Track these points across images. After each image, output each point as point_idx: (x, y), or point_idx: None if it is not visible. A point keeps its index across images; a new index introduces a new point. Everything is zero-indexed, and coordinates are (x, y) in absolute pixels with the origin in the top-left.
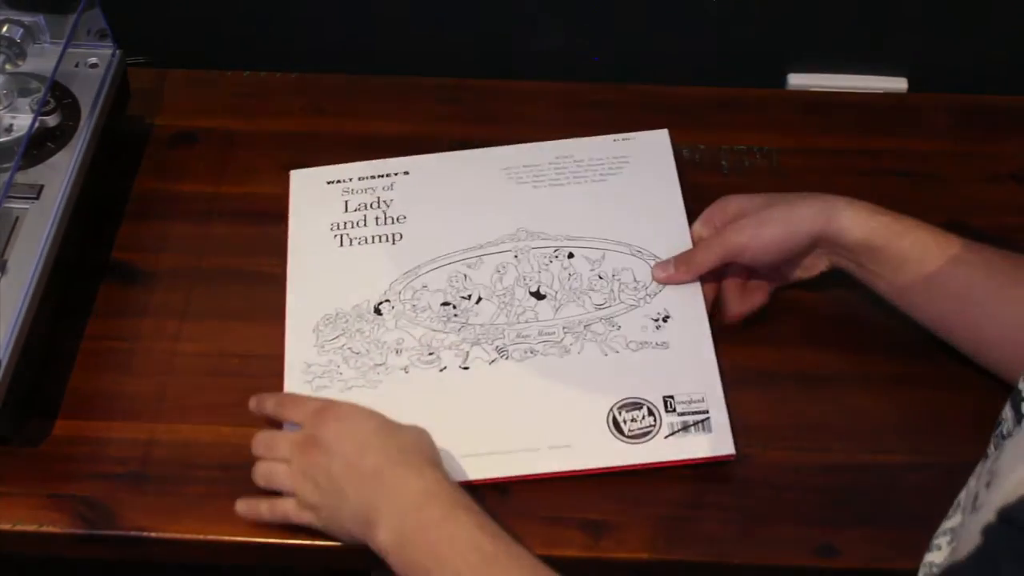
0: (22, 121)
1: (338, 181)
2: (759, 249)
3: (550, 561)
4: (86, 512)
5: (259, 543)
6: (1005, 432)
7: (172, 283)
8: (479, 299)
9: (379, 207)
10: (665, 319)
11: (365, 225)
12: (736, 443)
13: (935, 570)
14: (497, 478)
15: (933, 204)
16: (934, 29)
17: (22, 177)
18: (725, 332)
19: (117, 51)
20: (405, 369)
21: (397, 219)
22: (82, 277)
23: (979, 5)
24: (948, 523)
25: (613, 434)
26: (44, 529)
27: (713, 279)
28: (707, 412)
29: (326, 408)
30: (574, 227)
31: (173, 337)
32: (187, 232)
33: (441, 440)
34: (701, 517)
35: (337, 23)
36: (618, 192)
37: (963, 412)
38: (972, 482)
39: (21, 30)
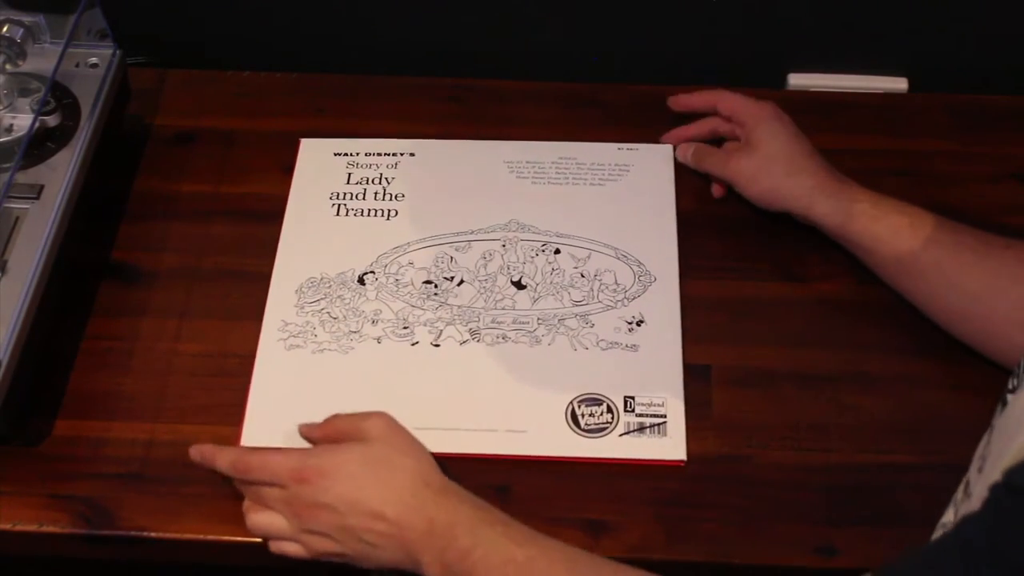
0: (22, 121)
1: (345, 154)
2: (747, 192)
3: None
4: (86, 512)
5: (259, 543)
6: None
7: (172, 283)
8: (461, 281)
9: (380, 183)
10: (639, 323)
11: (363, 199)
12: (736, 443)
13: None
14: (451, 453)
15: (933, 204)
16: (934, 29)
17: (22, 177)
18: (725, 331)
19: (117, 51)
20: (378, 339)
21: (396, 196)
22: (82, 277)
23: (979, 5)
24: (943, 519)
25: (569, 426)
26: (44, 529)
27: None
28: (664, 417)
29: (308, 469)
30: (565, 225)
31: (173, 337)
32: (187, 232)
33: (403, 411)
34: (701, 517)
35: (337, 23)
36: (614, 198)
37: (963, 412)
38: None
39: (21, 30)
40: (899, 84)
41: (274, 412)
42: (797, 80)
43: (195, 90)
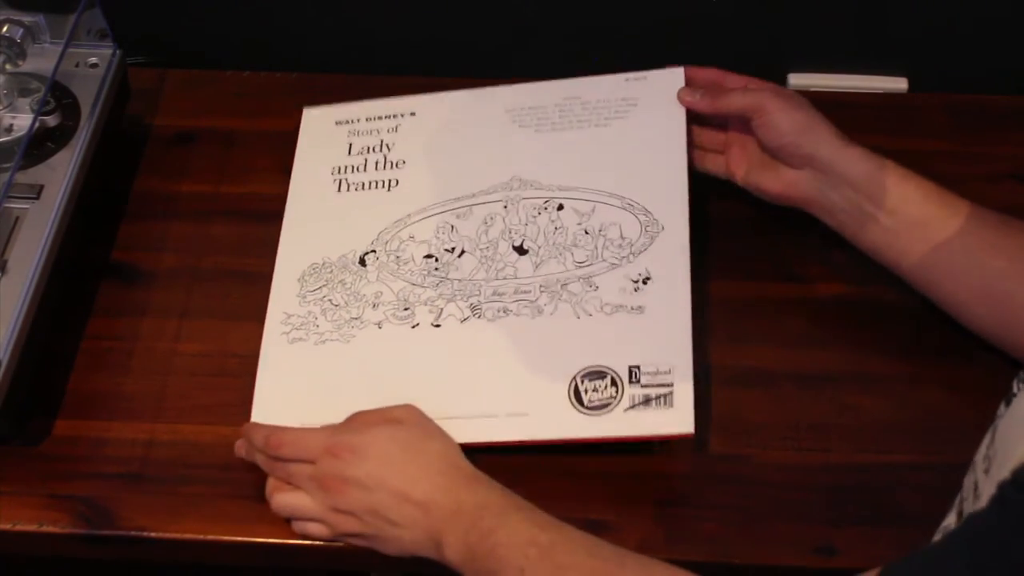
0: (22, 121)
1: (347, 122)
2: (774, 121)
3: None
4: (86, 512)
5: (259, 543)
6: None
7: (172, 283)
8: (462, 252)
9: (381, 150)
10: (645, 281)
11: (364, 170)
12: (736, 443)
13: None
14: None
15: None
16: (934, 29)
17: (22, 177)
18: (725, 331)
19: (117, 51)
20: (379, 324)
21: (396, 164)
22: (82, 277)
23: (979, 5)
24: (945, 522)
25: (572, 404)
26: (44, 529)
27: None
28: (671, 386)
29: (340, 444)
30: (569, 176)
31: (173, 337)
32: (187, 232)
33: (405, 402)
34: (701, 517)
35: (337, 22)
36: (620, 138)
37: (963, 412)
38: (968, 479)
39: (21, 30)
40: (899, 84)
41: (279, 411)
42: (797, 80)
43: (195, 90)
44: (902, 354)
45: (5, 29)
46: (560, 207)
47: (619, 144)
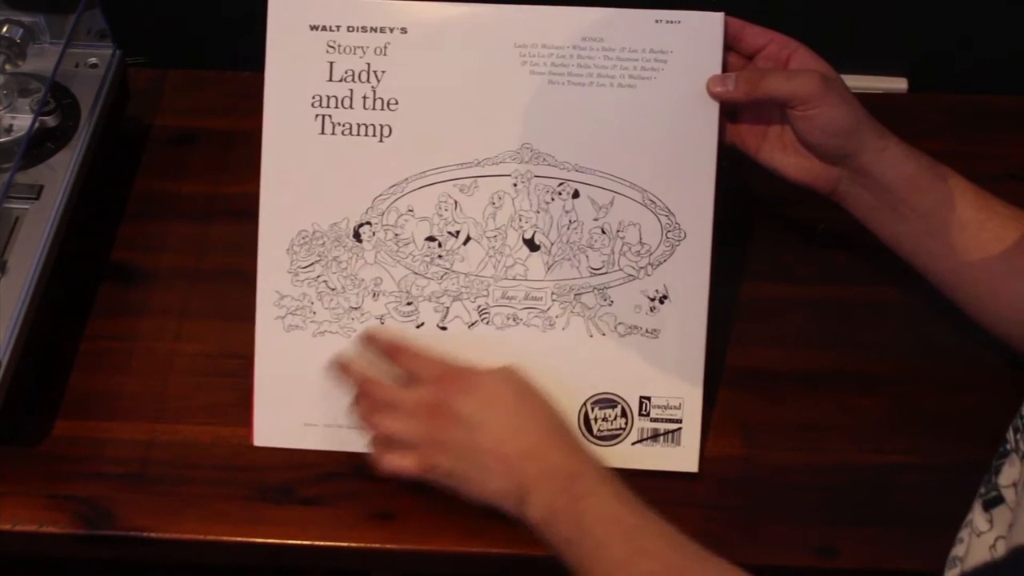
0: (22, 121)
1: (324, 28)
2: (819, 117)
3: (550, 562)
4: (86, 512)
5: (259, 543)
6: None
7: (172, 283)
8: (467, 239)
9: (368, 80)
10: (662, 300)
11: (351, 106)
12: (736, 443)
13: (958, 563)
14: None
15: None
16: (934, 29)
17: (22, 177)
18: (726, 331)
19: (117, 51)
20: (381, 319)
21: (388, 104)
22: (82, 277)
23: (979, 5)
24: (969, 516)
25: (581, 431)
26: (44, 529)
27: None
28: (680, 422)
29: (455, 376)
30: (586, 153)
31: (173, 337)
32: (187, 232)
33: None
34: (701, 517)
35: None
36: (646, 108)
37: (963, 412)
38: (1016, 438)
39: (21, 30)
40: (899, 84)
41: (281, 409)
42: None
43: (195, 90)
44: (902, 354)
45: (5, 29)
46: (576, 194)
47: (644, 116)
